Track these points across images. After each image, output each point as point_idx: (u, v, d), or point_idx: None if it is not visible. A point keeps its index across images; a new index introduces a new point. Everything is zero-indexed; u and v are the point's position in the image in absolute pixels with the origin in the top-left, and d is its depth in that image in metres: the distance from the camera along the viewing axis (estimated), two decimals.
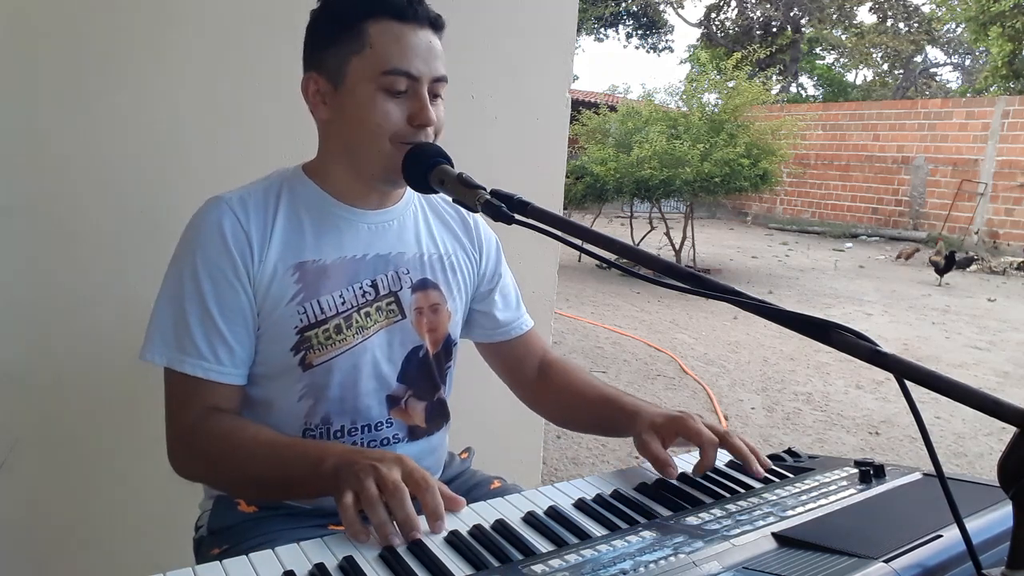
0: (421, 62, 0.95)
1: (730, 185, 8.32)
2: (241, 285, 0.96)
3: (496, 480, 1.18)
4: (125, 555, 1.56)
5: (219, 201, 0.99)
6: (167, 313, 0.97)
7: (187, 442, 0.95)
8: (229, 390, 0.98)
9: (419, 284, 1.08)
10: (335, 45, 0.96)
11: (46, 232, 1.43)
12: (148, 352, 0.96)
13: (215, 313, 0.95)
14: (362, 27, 0.94)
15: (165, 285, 0.99)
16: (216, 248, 0.96)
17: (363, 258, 1.03)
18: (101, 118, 1.43)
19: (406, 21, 0.95)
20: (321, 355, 1.00)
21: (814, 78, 26.59)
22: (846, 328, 0.66)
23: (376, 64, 0.94)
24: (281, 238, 0.99)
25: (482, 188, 0.90)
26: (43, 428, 1.48)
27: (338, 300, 1.00)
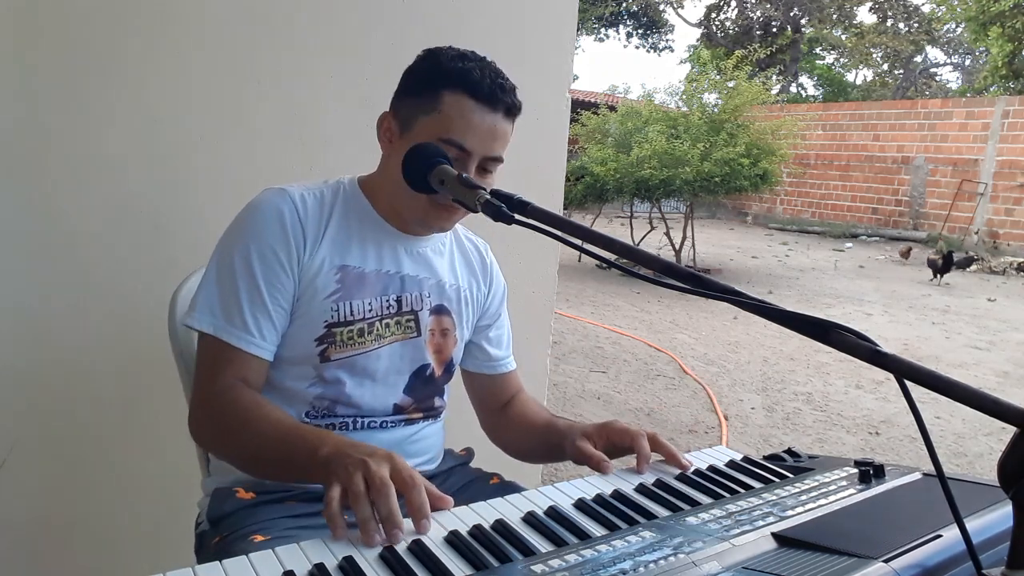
0: (478, 140, 1.02)
1: (730, 185, 8.33)
2: (290, 269, 1.03)
3: (495, 476, 1.22)
4: (125, 555, 1.57)
5: (283, 191, 1.06)
6: (217, 285, 1.03)
7: (210, 408, 1.00)
8: (261, 365, 1.04)
9: (436, 308, 1.16)
10: (414, 99, 1.05)
11: (46, 232, 1.43)
12: (195, 319, 1.02)
13: (264, 289, 1.02)
14: (440, 93, 1.02)
15: (218, 258, 1.05)
16: (273, 231, 1.03)
17: (396, 275, 1.12)
18: (101, 118, 1.43)
19: (480, 101, 1.02)
20: (340, 352, 1.06)
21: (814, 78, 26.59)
22: (846, 328, 0.66)
23: (438, 128, 1.02)
24: (331, 239, 1.07)
25: (482, 188, 0.90)
26: (43, 428, 1.48)
27: (367, 306, 1.08)
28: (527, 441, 1.25)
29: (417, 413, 1.16)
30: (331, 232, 1.07)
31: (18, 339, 1.43)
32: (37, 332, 1.45)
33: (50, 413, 1.49)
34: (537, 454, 1.28)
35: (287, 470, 0.95)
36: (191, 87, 1.50)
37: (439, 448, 1.23)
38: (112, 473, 1.55)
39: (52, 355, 1.47)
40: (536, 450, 1.26)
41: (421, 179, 0.97)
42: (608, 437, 1.07)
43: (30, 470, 1.47)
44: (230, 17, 1.52)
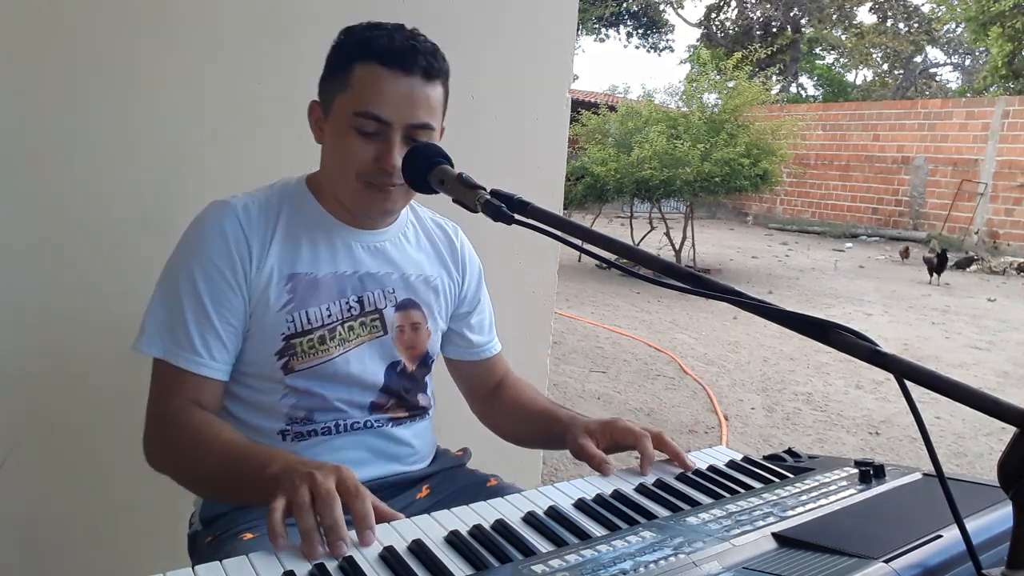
0: (394, 108, 0.98)
1: (730, 185, 8.33)
2: (237, 285, 1.01)
3: (492, 478, 1.20)
4: (125, 555, 1.56)
5: (224, 204, 1.03)
6: (164, 306, 1.01)
7: (161, 431, 0.98)
8: (214, 385, 1.01)
9: (402, 304, 1.13)
10: (331, 80, 1.03)
11: (46, 232, 1.43)
12: (143, 343, 1.00)
13: (211, 310, 0.99)
14: (350, 68, 0.99)
15: (164, 280, 1.03)
16: (217, 248, 1.00)
17: (353, 275, 1.08)
18: (102, 118, 1.43)
19: (391, 67, 0.98)
20: (303, 362, 1.04)
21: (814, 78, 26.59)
22: (846, 328, 0.66)
23: (351, 104, 0.99)
24: (279, 249, 1.03)
25: (482, 188, 0.90)
26: (43, 428, 1.48)
27: (324, 312, 1.05)
28: (522, 427, 1.23)
29: (400, 411, 1.13)
30: (278, 240, 1.03)
31: (18, 339, 1.43)
32: (37, 332, 1.45)
33: (50, 413, 1.49)
34: (534, 441, 1.25)
35: (237, 491, 0.92)
36: (193, 87, 1.50)
37: (428, 447, 1.21)
38: (112, 473, 1.55)
39: (52, 355, 1.47)
40: (533, 437, 1.23)
41: (421, 179, 0.96)
42: (611, 435, 1.05)
43: (30, 470, 1.47)
44: (232, 17, 1.52)
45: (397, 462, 1.13)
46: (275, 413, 1.05)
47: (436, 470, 1.19)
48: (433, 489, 1.16)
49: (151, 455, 0.99)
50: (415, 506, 1.12)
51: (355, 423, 1.09)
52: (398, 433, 1.13)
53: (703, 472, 0.98)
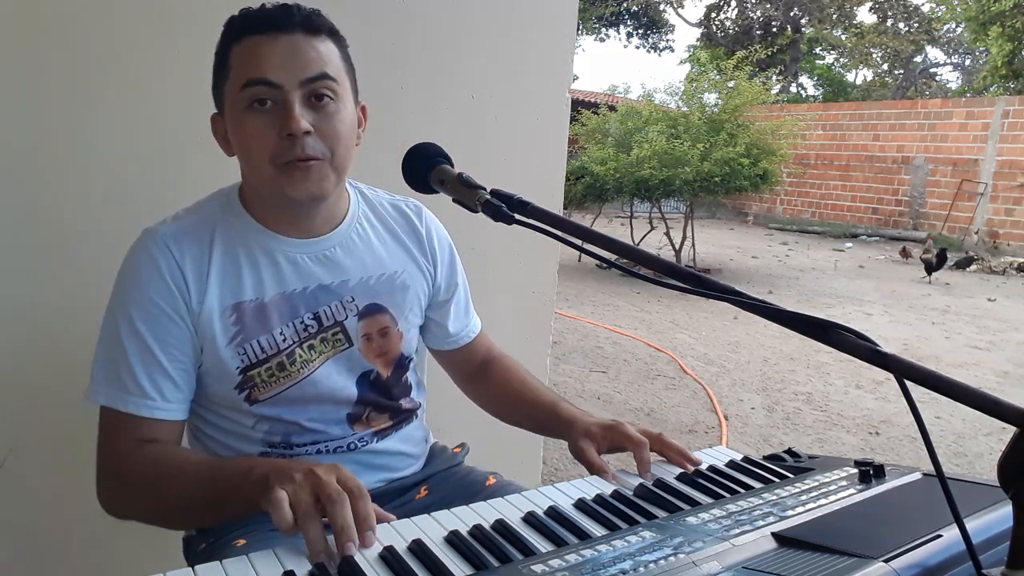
0: (279, 68, 0.89)
1: (730, 185, 8.32)
2: (181, 318, 0.95)
3: (491, 476, 1.18)
4: (125, 555, 1.56)
5: (154, 237, 0.96)
6: (109, 352, 0.95)
7: (115, 476, 0.93)
8: (171, 425, 0.96)
9: (365, 310, 1.05)
10: (216, 79, 0.97)
11: (46, 233, 1.43)
12: (91, 393, 0.95)
13: (156, 350, 0.93)
14: (228, 53, 0.93)
15: (105, 324, 0.96)
16: (154, 284, 0.94)
17: (304, 291, 1.00)
18: (101, 118, 1.43)
19: (265, 32, 0.91)
20: (266, 391, 0.99)
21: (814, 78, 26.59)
22: (846, 328, 0.66)
23: (237, 81, 0.91)
24: (218, 278, 0.96)
25: (482, 188, 0.90)
26: (43, 428, 1.48)
27: (279, 337, 0.98)
28: (512, 411, 1.20)
29: (383, 421, 1.09)
30: (216, 269, 0.96)
31: (18, 339, 1.43)
32: (37, 332, 1.45)
33: (50, 413, 1.48)
34: (525, 426, 1.21)
35: (216, 506, 0.86)
36: (191, 87, 1.50)
37: (421, 449, 1.17)
38: None
39: (52, 355, 1.47)
40: (524, 423, 1.20)
41: (421, 179, 0.96)
42: (612, 440, 1.04)
43: (30, 470, 1.47)
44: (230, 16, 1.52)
45: (387, 471, 1.11)
46: (251, 439, 1.02)
47: (433, 472, 1.17)
48: (431, 489, 1.15)
49: (109, 504, 0.93)
50: (414, 507, 1.11)
51: (338, 446, 1.04)
52: (384, 446, 1.09)
53: (703, 472, 0.98)
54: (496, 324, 1.32)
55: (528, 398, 1.18)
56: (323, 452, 1.04)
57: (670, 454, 1.01)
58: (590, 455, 1.02)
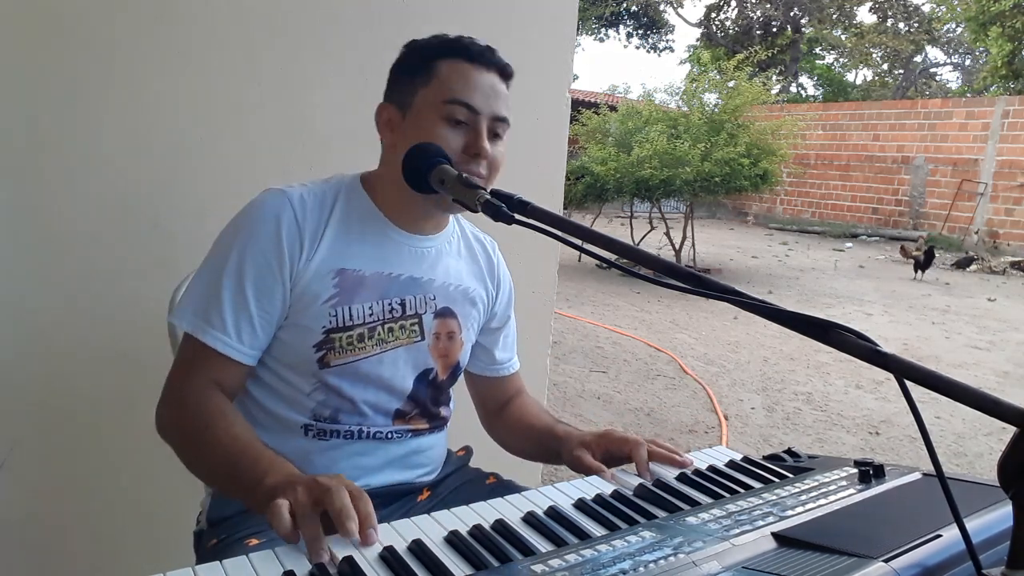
0: (482, 98, 1.01)
1: (730, 185, 8.33)
2: (282, 276, 1.00)
3: (492, 476, 1.21)
4: (125, 554, 1.57)
5: (281, 193, 1.03)
6: (204, 283, 1.01)
7: (177, 407, 0.98)
8: (238, 368, 1.01)
9: (441, 311, 1.12)
10: (409, 79, 1.04)
11: (46, 232, 1.43)
12: (176, 316, 1.01)
13: (249, 294, 0.99)
14: (434, 64, 1.02)
15: (210, 256, 1.03)
16: (268, 235, 1.00)
17: (398, 277, 1.08)
18: (101, 118, 1.43)
19: (474, 63, 1.02)
20: (340, 358, 1.03)
21: (814, 78, 26.59)
22: (846, 328, 0.66)
23: (440, 93, 1.01)
24: (330, 242, 1.03)
25: (482, 188, 0.90)
26: (43, 428, 1.48)
27: (367, 311, 1.05)
28: (524, 443, 1.25)
29: (421, 423, 1.13)
30: (330, 234, 1.03)
31: (18, 339, 1.43)
32: (37, 332, 1.45)
33: (50, 413, 1.49)
34: (534, 456, 1.27)
35: (233, 487, 0.90)
36: (191, 87, 1.50)
37: (440, 458, 1.21)
38: (112, 473, 1.55)
39: (52, 355, 1.47)
40: (533, 453, 1.25)
41: (421, 179, 0.96)
42: (606, 447, 1.07)
43: (30, 470, 1.47)
44: (230, 17, 1.52)
45: (410, 470, 1.14)
46: (302, 407, 1.05)
47: (441, 476, 1.20)
48: (433, 490, 1.17)
49: (162, 425, 0.99)
50: (416, 508, 1.12)
51: (377, 432, 1.08)
52: (416, 444, 1.13)
53: (703, 472, 0.98)
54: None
55: (533, 427, 1.23)
56: (363, 438, 1.08)
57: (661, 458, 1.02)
58: (587, 460, 1.05)
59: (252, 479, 0.85)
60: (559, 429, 1.17)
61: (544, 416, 1.26)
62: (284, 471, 0.85)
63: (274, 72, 1.57)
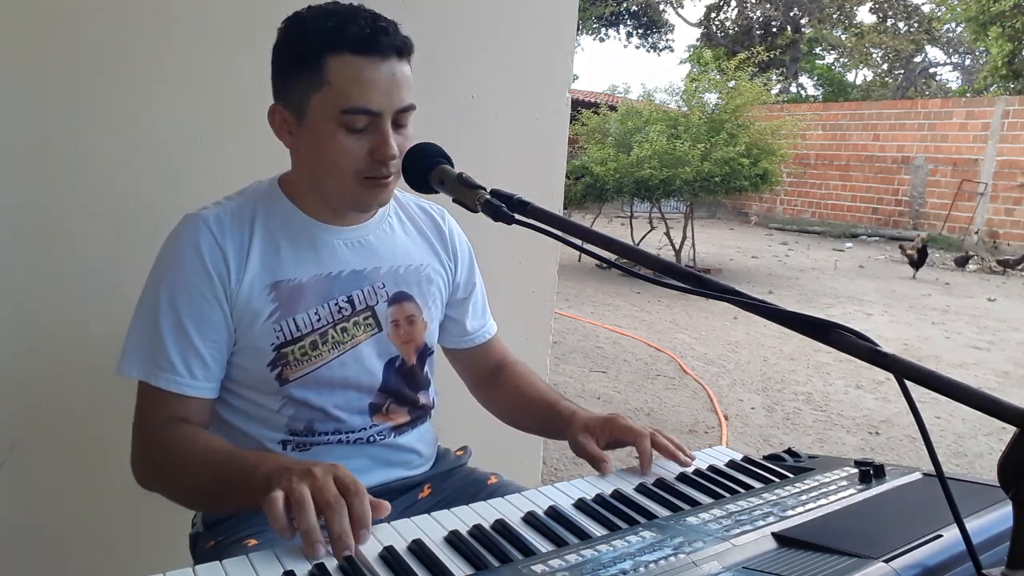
0: (382, 96, 0.94)
1: (730, 185, 8.32)
2: (218, 301, 0.98)
3: (492, 476, 1.20)
4: (125, 555, 1.56)
5: (196, 219, 1.00)
6: (143, 328, 0.98)
7: (146, 450, 0.98)
8: (200, 403, 0.99)
9: (395, 297, 1.09)
10: (297, 79, 0.96)
11: (46, 232, 1.43)
12: (124, 366, 0.99)
13: (190, 329, 0.97)
14: (321, 63, 0.93)
15: (142, 301, 1.00)
16: (193, 266, 0.97)
17: (339, 275, 1.05)
18: (101, 118, 1.43)
19: (367, 54, 0.92)
20: (297, 370, 1.01)
21: (814, 78, 26.58)
22: (846, 328, 0.66)
23: (335, 102, 0.93)
24: (258, 257, 1.00)
25: (482, 188, 0.90)
26: (43, 428, 1.48)
27: (313, 317, 1.02)
28: (520, 413, 1.23)
29: (400, 414, 1.11)
30: (256, 248, 1.00)
31: (18, 339, 1.43)
32: (37, 332, 1.45)
33: (50, 413, 1.49)
34: (531, 428, 1.25)
35: (226, 496, 0.90)
36: (191, 87, 1.50)
37: (431, 449, 1.20)
38: (112, 473, 1.54)
39: (52, 355, 1.47)
40: (530, 424, 1.23)
41: (421, 179, 0.96)
42: (611, 433, 1.05)
43: (30, 470, 1.47)
44: (230, 16, 1.52)
45: (401, 467, 1.13)
46: (275, 424, 1.04)
47: (437, 472, 1.19)
48: (434, 489, 1.16)
49: (140, 475, 0.98)
50: (417, 507, 1.11)
51: (357, 438, 1.07)
52: (401, 441, 1.12)
53: (703, 472, 0.98)
54: (496, 324, 1.32)
55: (533, 400, 1.20)
56: (344, 443, 1.06)
57: (663, 451, 1.01)
58: (590, 448, 1.04)
59: (243, 479, 0.85)
60: (562, 407, 1.15)
61: (543, 389, 1.23)
62: (273, 460, 0.85)
63: None
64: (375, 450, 1.09)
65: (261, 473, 0.82)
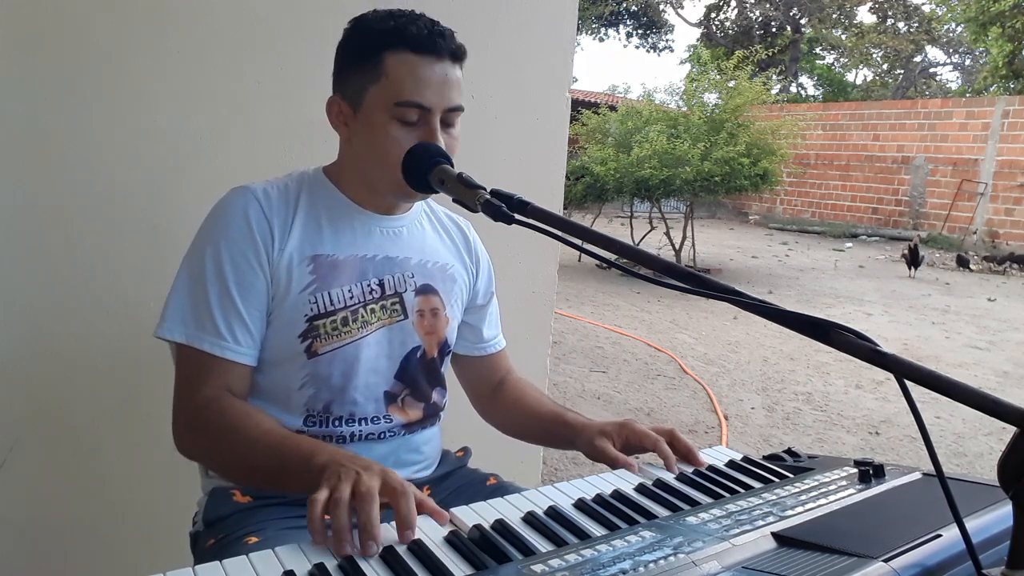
0: (434, 94, 0.99)
1: (730, 184, 8.33)
2: (261, 269, 1.01)
3: (492, 477, 1.21)
4: (125, 554, 1.57)
5: (245, 190, 1.04)
6: (187, 291, 1.00)
7: (195, 421, 0.98)
8: (242, 370, 1.01)
9: (422, 288, 1.12)
10: (356, 72, 1.02)
11: (46, 232, 1.43)
12: (166, 329, 1.00)
13: (235, 293, 0.99)
14: (380, 58, 0.99)
15: (186, 264, 1.03)
16: (240, 232, 1.00)
17: (373, 258, 1.08)
18: (101, 118, 1.43)
19: (423, 53, 0.99)
20: (326, 344, 1.03)
21: (814, 78, 26.58)
22: (846, 328, 0.66)
23: (390, 95, 0.99)
24: (300, 231, 1.04)
25: (482, 188, 0.90)
26: (43, 428, 1.48)
27: (347, 294, 1.05)
28: (525, 427, 1.24)
29: (415, 409, 1.13)
30: (299, 222, 1.04)
31: (18, 339, 1.43)
32: (37, 332, 1.45)
33: (50, 413, 1.49)
34: (536, 440, 1.27)
35: (278, 479, 0.92)
36: (191, 87, 1.50)
37: (436, 452, 1.21)
38: (112, 473, 1.55)
39: (52, 355, 1.47)
40: (538, 437, 1.26)
41: (421, 179, 0.97)
42: (627, 439, 1.07)
43: (30, 470, 1.47)
44: (230, 16, 1.52)
45: (407, 468, 1.13)
46: (294, 406, 1.05)
47: (438, 474, 1.19)
48: (434, 490, 1.17)
49: (183, 442, 0.99)
50: None
51: (369, 433, 1.08)
52: (410, 442, 1.13)
53: (703, 472, 0.98)
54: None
55: (538, 411, 1.22)
56: (355, 438, 1.07)
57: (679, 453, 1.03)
58: (611, 452, 1.04)
59: (300, 463, 0.87)
60: (570, 417, 1.17)
61: (547, 401, 1.25)
62: (329, 451, 0.88)
63: (274, 71, 1.57)
64: (384, 449, 1.10)
65: (317, 463, 0.84)
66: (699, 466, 1.00)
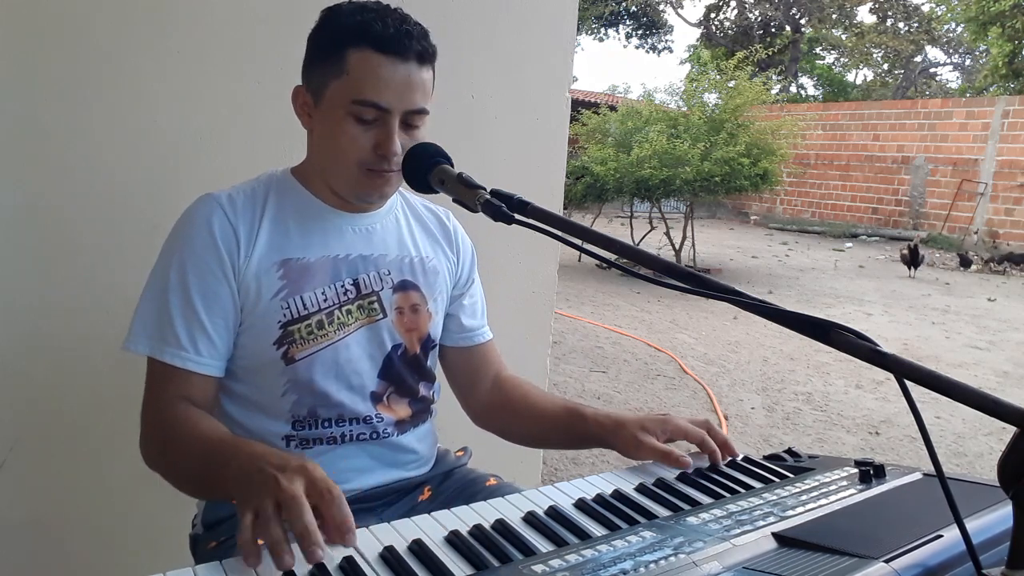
0: (393, 95, 0.97)
1: (730, 184, 8.32)
2: (226, 279, 0.99)
3: (492, 478, 1.19)
4: (125, 555, 1.56)
5: (209, 198, 1.02)
6: (151, 304, 1.00)
7: (153, 429, 0.98)
8: (205, 381, 1.00)
9: (400, 285, 1.11)
10: (321, 65, 1.01)
11: (46, 232, 1.43)
12: (131, 341, 1.00)
13: (198, 305, 0.98)
14: (344, 53, 0.97)
15: (152, 277, 1.02)
16: (204, 242, 0.99)
17: (346, 257, 1.07)
18: (101, 118, 1.43)
19: (387, 53, 0.96)
20: (303, 349, 1.02)
21: (814, 78, 26.58)
22: (846, 328, 0.66)
23: (349, 91, 0.97)
24: (267, 236, 1.02)
25: (482, 188, 0.90)
26: (43, 428, 1.48)
27: (320, 297, 1.03)
28: (540, 427, 1.18)
29: (402, 406, 1.11)
30: (266, 229, 1.02)
31: (18, 339, 1.43)
32: (37, 332, 1.45)
33: (50, 413, 1.49)
34: (553, 442, 1.21)
35: (210, 488, 0.89)
36: (191, 87, 1.50)
37: (431, 450, 1.19)
38: (112, 473, 1.55)
39: (52, 355, 1.47)
40: (553, 437, 1.19)
41: (421, 179, 0.97)
42: (671, 435, 1.03)
43: (30, 470, 1.47)
44: (230, 16, 1.52)
45: (401, 468, 1.12)
46: (279, 412, 1.04)
47: (437, 472, 1.19)
48: (434, 490, 1.16)
49: (146, 454, 0.98)
50: (418, 509, 1.10)
51: (360, 433, 1.07)
52: (403, 441, 1.11)
53: (703, 472, 0.98)
54: (496, 324, 1.32)
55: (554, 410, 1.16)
56: (347, 440, 1.06)
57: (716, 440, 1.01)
58: (661, 447, 1.00)
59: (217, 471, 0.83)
60: (599, 414, 1.09)
61: (558, 398, 1.21)
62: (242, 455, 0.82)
63: (274, 71, 1.57)
64: (377, 449, 1.09)
65: (231, 470, 0.80)
66: (735, 456, 1.01)
